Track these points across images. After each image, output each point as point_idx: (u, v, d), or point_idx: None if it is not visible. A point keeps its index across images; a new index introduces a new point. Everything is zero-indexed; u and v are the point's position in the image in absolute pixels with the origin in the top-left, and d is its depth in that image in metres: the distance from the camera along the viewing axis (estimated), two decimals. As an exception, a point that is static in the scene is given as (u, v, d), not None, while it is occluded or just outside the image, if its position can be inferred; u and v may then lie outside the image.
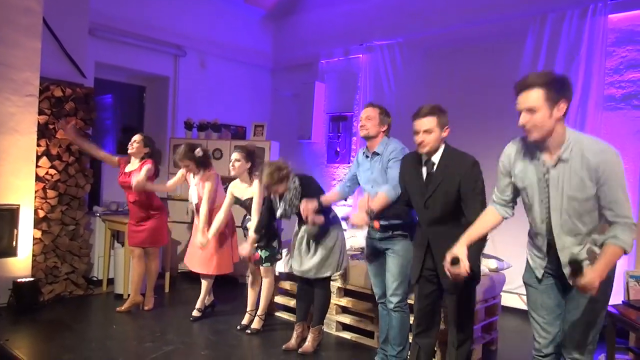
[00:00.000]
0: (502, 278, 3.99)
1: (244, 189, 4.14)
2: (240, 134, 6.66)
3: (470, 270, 2.36)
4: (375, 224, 3.06)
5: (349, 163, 6.52)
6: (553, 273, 2.28)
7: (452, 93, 5.49)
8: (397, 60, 6.11)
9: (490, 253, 4.11)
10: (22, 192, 4.52)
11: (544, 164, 2.16)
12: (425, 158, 2.81)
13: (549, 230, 2.20)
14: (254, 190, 4.06)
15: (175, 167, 4.82)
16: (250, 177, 4.11)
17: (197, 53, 6.69)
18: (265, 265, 4.06)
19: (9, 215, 4.44)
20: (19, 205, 4.49)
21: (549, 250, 2.25)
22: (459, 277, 2.36)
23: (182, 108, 6.55)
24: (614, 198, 2.03)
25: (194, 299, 4.50)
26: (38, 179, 4.72)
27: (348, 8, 6.67)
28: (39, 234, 4.74)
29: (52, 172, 4.81)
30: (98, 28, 5.56)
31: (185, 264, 4.56)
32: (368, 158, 3.30)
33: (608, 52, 4.63)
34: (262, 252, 4.02)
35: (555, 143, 2.11)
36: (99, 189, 5.84)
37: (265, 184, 3.59)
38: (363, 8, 6.52)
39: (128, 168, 4.51)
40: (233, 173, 4.12)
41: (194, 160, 4.28)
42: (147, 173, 4.33)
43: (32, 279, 4.49)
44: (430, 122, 2.73)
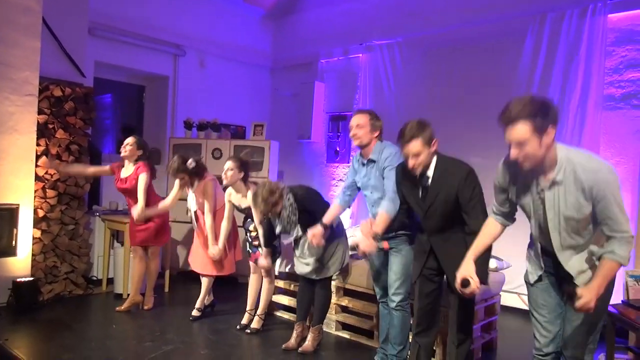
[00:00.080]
0: (501, 278, 3.99)
1: (240, 198, 4.14)
2: (240, 134, 6.64)
3: (481, 283, 2.46)
4: (385, 245, 3.10)
5: (349, 163, 6.50)
6: (553, 272, 2.30)
7: (451, 92, 5.50)
8: (396, 60, 6.10)
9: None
10: (21, 191, 4.51)
11: (539, 185, 2.17)
12: (420, 173, 2.80)
13: (549, 244, 2.22)
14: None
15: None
16: (245, 185, 4.08)
17: (196, 52, 6.68)
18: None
19: (9, 215, 4.44)
20: (19, 205, 4.48)
21: (549, 255, 2.27)
22: (472, 294, 2.46)
23: (181, 107, 6.54)
24: (610, 215, 2.04)
25: (194, 299, 4.50)
26: (37, 179, 4.72)
27: (347, 7, 6.67)
28: (39, 234, 4.74)
29: (51, 171, 4.80)
30: (98, 27, 5.56)
31: (190, 264, 4.56)
32: (364, 165, 3.28)
33: (608, 51, 4.63)
34: (262, 250, 4.02)
35: (548, 165, 2.11)
36: (99, 189, 5.84)
37: (262, 212, 3.60)
38: (363, 7, 6.51)
39: (123, 173, 4.50)
40: (225, 182, 4.07)
41: (187, 172, 4.28)
42: (144, 187, 4.34)
43: (31, 279, 4.48)
44: (416, 145, 2.69)
